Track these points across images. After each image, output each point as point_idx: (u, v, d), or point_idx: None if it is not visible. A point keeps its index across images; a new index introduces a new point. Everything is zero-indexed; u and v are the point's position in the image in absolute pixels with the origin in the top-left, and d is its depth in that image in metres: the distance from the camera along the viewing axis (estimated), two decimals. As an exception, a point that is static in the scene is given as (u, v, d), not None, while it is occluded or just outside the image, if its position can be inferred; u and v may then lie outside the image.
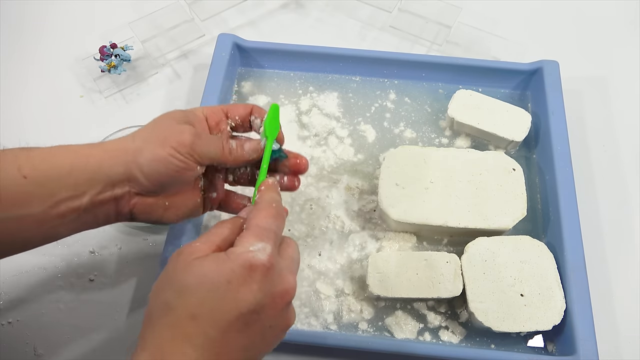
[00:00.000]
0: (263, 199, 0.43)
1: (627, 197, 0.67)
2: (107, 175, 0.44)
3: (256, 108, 0.52)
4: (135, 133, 0.47)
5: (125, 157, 0.45)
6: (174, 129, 0.46)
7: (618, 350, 0.58)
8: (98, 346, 0.59)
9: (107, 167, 0.44)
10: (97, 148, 0.45)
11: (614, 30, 0.80)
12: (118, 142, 0.46)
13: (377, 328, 0.57)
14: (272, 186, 0.45)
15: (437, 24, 0.76)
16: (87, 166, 0.44)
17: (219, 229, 0.41)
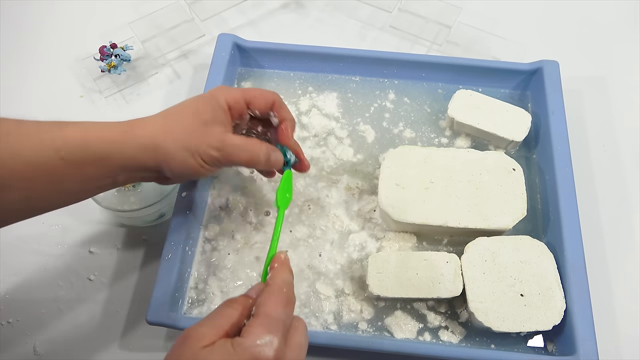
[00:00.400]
0: (275, 282, 0.43)
1: (627, 197, 0.67)
2: (140, 166, 0.48)
3: (277, 106, 0.54)
4: (166, 122, 0.49)
5: (157, 155, 0.48)
6: (204, 136, 0.49)
7: (618, 350, 0.58)
8: (98, 346, 0.59)
9: (139, 160, 0.47)
10: (130, 137, 0.47)
11: (614, 30, 0.80)
12: (150, 130, 0.48)
13: (377, 328, 0.57)
14: (284, 264, 0.45)
15: (437, 24, 0.76)
16: (122, 157, 0.46)
17: (227, 311, 0.40)
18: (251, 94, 0.53)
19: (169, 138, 0.48)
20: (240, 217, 0.63)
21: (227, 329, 0.39)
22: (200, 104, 0.51)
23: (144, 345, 0.59)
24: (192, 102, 0.52)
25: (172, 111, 0.51)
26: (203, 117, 0.50)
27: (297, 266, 0.60)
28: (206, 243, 0.61)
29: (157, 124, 0.49)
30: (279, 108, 0.54)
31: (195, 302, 0.58)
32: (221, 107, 0.52)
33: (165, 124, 0.49)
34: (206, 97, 0.52)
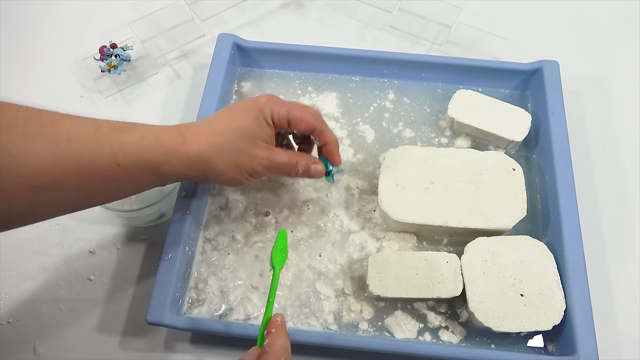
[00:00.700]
0: (273, 349, 0.43)
1: (627, 196, 0.67)
2: (190, 175, 0.53)
3: (317, 131, 0.55)
4: (217, 139, 0.51)
5: (206, 169, 0.51)
6: (253, 154, 0.53)
7: (618, 350, 0.58)
8: (98, 346, 0.59)
9: (190, 171, 0.51)
10: (183, 151, 0.49)
11: (614, 30, 0.80)
12: (201, 147, 0.50)
13: (377, 328, 0.57)
14: (281, 328, 0.45)
15: (437, 24, 0.76)
16: (174, 168, 0.49)
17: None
18: (294, 116, 0.54)
19: (220, 156, 0.51)
20: (240, 217, 0.63)
21: None
22: (249, 121, 0.52)
23: (144, 345, 0.59)
24: (241, 115, 0.53)
25: (221, 125, 0.52)
26: (252, 135, 0.52)
27: (297, 266, 0.60)
28: (206, 243, 0.61)
29: (208, 139, 0.51)
30: (320, 133, 0.56)
31: (195, 302, 0.58)
32: (268, 124, 0.53)
33: (217, 141, 0.51)
34: (254, 112, 0.53)
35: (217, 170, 0.52)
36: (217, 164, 0.51)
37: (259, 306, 0.58)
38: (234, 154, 0.52)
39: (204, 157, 0.50)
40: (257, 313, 0.58)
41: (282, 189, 0.64)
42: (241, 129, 0.52)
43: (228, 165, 0.52)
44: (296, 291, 0.59)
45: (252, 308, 0.58)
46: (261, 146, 0.53)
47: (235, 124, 0.52)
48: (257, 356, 0.43)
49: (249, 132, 0.52)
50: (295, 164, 0.55)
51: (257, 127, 0.53)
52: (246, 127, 0.52)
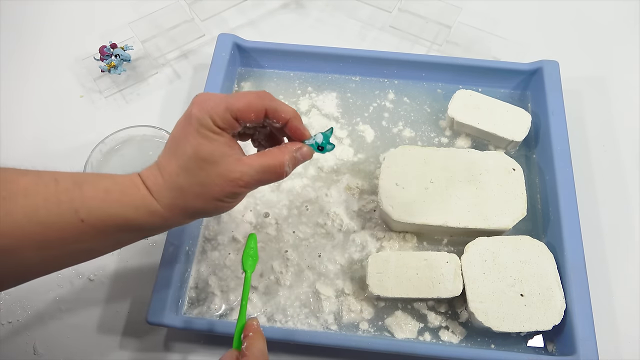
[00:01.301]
0: (252, 352, 0.43)
1: (627, 197, 0.67)
2: (166, 227, 0.48)
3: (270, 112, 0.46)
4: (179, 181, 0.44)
5: (186, 214, 0.46)
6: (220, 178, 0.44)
7: (618, 350, 0.58)
8: (98, 346, 0.59)
9: (164, 224, 0.46)
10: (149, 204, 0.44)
11: (614, 30, 0.80)
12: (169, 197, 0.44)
13: (377, 328, 0.57)
14: (258, 331, 0.45)
15: (437, 24, 0.76)
16: (144, 223, 0.44)
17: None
18: (238, 109, 0.44)
19: (190, 196, 0.44)
20: (240, 217, 0.63)
21: None
22: (194, 143, 0.44)
23: (144, 345, 0.59)
24: (181, 142, 0.44)
25: (173, 164, 0.44)
26: (207, 157, 0.44)
27: (297, 266, 0.60)
28: (206, 243, 0.61)
29: (172, 188, 0.44)
30: (275, 113, 0.46)
31: (195, 302, 0.58)
32: (216, 132, 0.44)
33: (178, 184, 0.44)
34: (193, 130, 0.44)
35: (198, 210, 0.45)
36: (194, 205, 0.44)
37: (259, 306, 0.58)
38: (202, 188, 0.44)
39: (176, 206, 0.44)
40: (257, 313, 0.58)
41: (281, 189, 0.64)
42: (192, 157, 0.43)
43: (204, 201, 0.44)
44: (296, 291, 0.59)
45: (252, 308, 0.58)
46: (226, 162, 0.44)
47: (184, 156, 0.44)
48: (234, 359, 0.43)
49: (200, 156, 0.43)
50: (281, 165, 0.46)
51: (206, 144, 0.43)
52: (195, 152, 0.43)
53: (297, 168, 0.65)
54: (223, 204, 0.46)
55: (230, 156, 0.44)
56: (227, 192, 0.44)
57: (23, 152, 0.70)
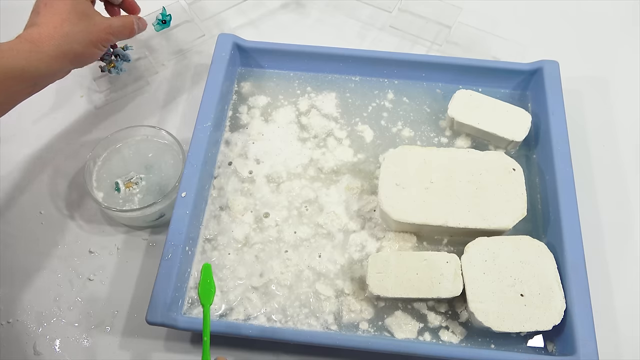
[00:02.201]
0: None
1: (627, 197, 0.67)
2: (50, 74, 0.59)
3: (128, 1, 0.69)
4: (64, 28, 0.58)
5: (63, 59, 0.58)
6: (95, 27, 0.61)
7: (618, 350, 0.58)
8: (98, 346, 0.59)
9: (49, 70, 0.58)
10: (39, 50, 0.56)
11: (614, 31, 0.80)
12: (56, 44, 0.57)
13: (377, 328, 0.57)
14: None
15: (437, 24, 0.76)
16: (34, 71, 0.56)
17: None
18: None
19: (73, 45, 0.58)
20: (240, 217, 0.63)
21: None
22: (77, 3, 0.60)
23: (144, 345, 0.59)
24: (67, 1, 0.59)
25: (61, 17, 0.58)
26: (87, 13, 0.60)
27: (297, 266, 0.60)
28: (206, 243, 0.61)
29: (58, 35, 0.57)
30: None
31: (195, 302, 0.58)
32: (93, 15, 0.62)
33: (65, 32, 0.58)
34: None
35: (78, 54, 0.59)
36: (76, 49, 0.59)
37: (259, 306, 0.58)
38: (84, 34, 0.59)
39: (61, 51, 0.57)
40: (257, 313, 0.58)
41: (280, 190, 0.64)
42: (72, 11, 0.59)
43: (84, 46, 0.60)
44: (296, 291, 0.59)
45: (252, 308, 0.58)
46: (97, 17, 0.61)
47: (64, 12, 0.58)
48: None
49: (79, 10, 0.59)
50: (131, 23, 0.66)
51: (82, 3, 0.60)
52: (74, 7, 0.59)
53: (297, 169, 0.65)
54: (96, 50, 0.62)
55: (98, 13, 0.63)
56: (102, 38, 0.61)
57: (23, 152, 0.70)
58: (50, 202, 0.67)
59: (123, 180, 0.64)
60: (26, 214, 0.66)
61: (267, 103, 0.71)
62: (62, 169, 0.69)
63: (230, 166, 0.66)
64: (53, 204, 0.67)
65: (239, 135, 0.68)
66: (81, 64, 0.62)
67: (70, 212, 0.66)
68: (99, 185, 0.64)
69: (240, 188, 0.65)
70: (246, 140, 0.68)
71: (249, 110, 0.70)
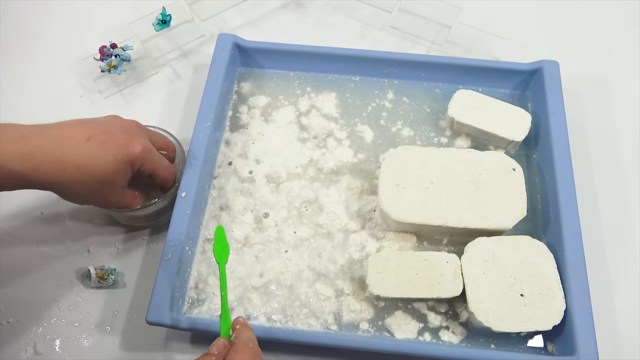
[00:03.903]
0: (240, 339, 0.45)
1: (627, 196, 0.67)
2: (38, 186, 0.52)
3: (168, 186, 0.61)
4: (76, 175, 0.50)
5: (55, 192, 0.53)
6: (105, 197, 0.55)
7: (618, 350, 0.58)
8: (98, 346, 0.59)
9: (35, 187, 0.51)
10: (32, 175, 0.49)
11: (614, 31, 0.80)
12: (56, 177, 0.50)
13: (377, 328, 0.57)
14: (245, 324, 0.47)
15: (437, 24, 0.76)
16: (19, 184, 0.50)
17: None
18: (157, 175, 0.58)
19: (71, 189, 0.51)
20: (240, 217, 0.63)
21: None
22: (117, 170, 0.52)
23: (144, 345, 0.59)
24: (110, 159, 0.52)
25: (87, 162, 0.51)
26: (114, 183, 0.54)
27: (297, 266, 0.60)
28: (206, 243, 0.61)
29: (67, 173, 0.50)
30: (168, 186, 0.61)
31: (195, 302, 0.58)
32: (132, 172, 0.55)
33: (76, 178, 0.51)
34: (125, 163, 0.53)
35: (63, 196, 0.53)
36: (65, 195, 0.53)
37: (259, 306, 0.58)
38: (88, 193, 0.53)
39: (55, 187, 0.51)
40: (257, 313, 0.58)
41: (280, 190, 0.64)
42: (107, 176, 0.52)
43: (76, 198, 0.54)
44: (296, 291, 0.59)
45: (252, 308, 0.58)
46: (117, 192, 0.55)
47: (102, 168, 0.51)
48: (222, 345, 0.44)
49: (112, 180, 0.53)
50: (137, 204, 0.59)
51: (122, 176, 0.54)
52: (112, 176, 0.53)
53: (297, 169, 0.65)
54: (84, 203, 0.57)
55: (122, 189, 0.56)
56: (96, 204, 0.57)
57: (23, 152, 0.70)
58: (50, 202, 0.67)
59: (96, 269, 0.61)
60: (26, 214, 0.66)
61: (267, 103, 0.71)
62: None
63: (230, 166, 0.66)
64: (53, 204, 0.67)
65: (239, 135, 0.68)
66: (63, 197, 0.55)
67: (70, 212, 0.66)
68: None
69: (240, 188, 0.65)
70: (246, 140, 0.68)
71: (249, 110, 0.70)
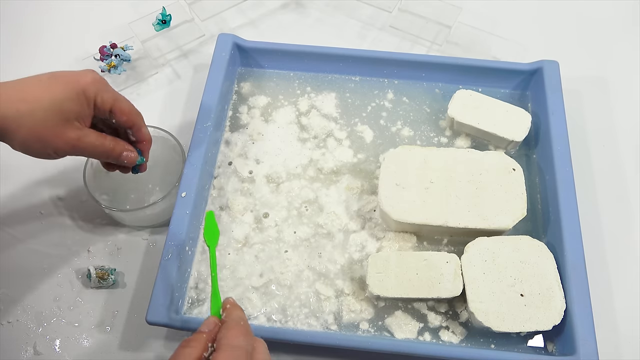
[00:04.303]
0: (231, 317, 0.45)
1: (627, 196, 0.67)
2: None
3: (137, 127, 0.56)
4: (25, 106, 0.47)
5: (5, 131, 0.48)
6: (62, 133, 0.49)
7: (618, 350, 0.58)
8: (98, 346, 0.59)
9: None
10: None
11: (614, 31, 0.80)
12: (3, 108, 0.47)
13: (377, 328, 0.57)
14: (235, 304, 0.46)
15: (437, 24, 0.76)
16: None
17: (186, 351, 0.41)
18: (120, 107, 0.53)
19: (22, 125, 0.47)
20: (240, 217, 0.63)
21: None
22: (67, 96, 0.49)
23: (144, 345, 0.59)
24: (58, 87, 0.49)
25: (33, 92, 0.48)
26: (65, 112, 0.49)
27: (297, 266, 0.60)
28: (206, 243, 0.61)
29: (13, 105, 0.47)
30: (139, 129, 0.56)
31: (195, 302, 0.58)
32: (88, 104, 0.50)
33: (22, 108, 0.47)
34: (76, 88, 0.49)
35: (17, 139, 0.48)
36: (17, 133, 0.47)
37: (259, 306, 0.58)
38: (40, 127, 0.48)
39: (3, 122, 0.47)
40: (257, 313, 0.58)
41: (280, 190, 0.64)
42: (55, 102, 0.48)
43: (30, 137, 0.48)
44: (296, 291, 0.59)
45: (252, 308, 0.58)
46: (73, 125, 0.50)
47: (49, 95, 0.48)
48: (213, 324, 0.44)
49: (63, 107, 0.49)
50: (111, 148, 0.53)
51: (74, 104, 0.49)
52: (62, 102, 0.48)
53: (297, 169, 0.65)
54: (42, 151, 0.50)
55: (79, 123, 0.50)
56: (53, 144, 0.49)
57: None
58: (50, 202, 0.67)
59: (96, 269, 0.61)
60: (26, 214, 0.66)
61: (267, 103, 0.71)
62: (63, 169, 0.69)
63: (230, 166, 0.66)
64: (53, 204, 0.67)
65: (239, 135, 0.68)
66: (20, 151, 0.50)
67: (70, 212, 0.66)
68: (99, 186, 0.64)
69: (240, 188, 0.65)
70: (246, 140, 0.68)
71: (249, 110, 0.70)
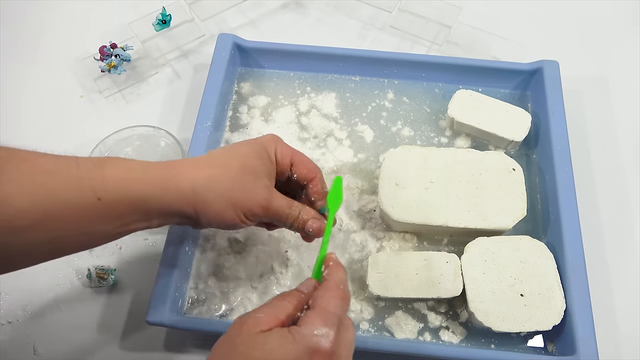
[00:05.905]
0: (332, 278, 0.43)
1: (627, 197, 0.67)
2: (177, 212, 0.46)
3: (317, 180, 0.52)
4: (212, 171, 0.47)
5: (197, 206, 0.46)
6: (252, 193, 0.48)
7: (618, 350, 0.58)
8: (98, 346, 0.59)
9: (177, 206, 0.46)
10: (172, 183, 0.45)
11: (614, 30, 0.80)
12: (192, 178, 0.46)
13: (377, 328, 0.57)
14: (338, 264, 0.45)
15: (437, 24, 0.76)
16: (160, 202, 0.45)
17: (281, 302, 0.41)
18: (300, 159, 0.52)
19: (214, 191, 0.46)
20: (240, 217, 0.63)
21: (283, 318, 0.40)
22: (250, 155, 0.49)
23: (144, 345, 0.59)
24: (242, 148, 0.50)
25: (220, 159, 0.48)
26: (254, 170, 0.48)
27: (297, 266, 0.60)
28: (206, 243, 0.61)
29: (203, 172, 0.46)
30: (318, 183, 0.53)
31: (195, 302, 0.58)
32: (271, 160, 0.50)
33: (213, 174, 0.47)
34: (257, 147, 0.50)
35: (210, 208, 0.46)
36: (210, 200, 0.46)
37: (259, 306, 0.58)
38: (231, 190, 0.47)
39: (195, 191, 0.45)
40: (257, 313, 0.57)
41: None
42: (242, 161, 0.48)
43: (223, 202, 0.46)
44: (296, 291, 0.59)
45: (252, 308, 0.58)
46: (263, 183, 0.48)
47: (235, 157, 0.48)
48: (312, 286, 0.43)
49: (250, 165, 0.48)
50: (297, 214, 0.50)
51: (259, 160, 0.49)
52: (247, 160, 0.48)
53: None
54: (234, 217, 0.47)
55: (268, 181, 0.49)
56: (246, 206, 0.47)
57: (23, 152, 0.70)
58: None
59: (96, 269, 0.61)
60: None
61: (267, 103, 0.71)
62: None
63: (230, 166, 0.66)
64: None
65: (239, 135, 0.68)
66: (211, 225, 0.49)
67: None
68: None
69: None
70: (246, 140, 0.68)
71: (249, 110, 0.70)
